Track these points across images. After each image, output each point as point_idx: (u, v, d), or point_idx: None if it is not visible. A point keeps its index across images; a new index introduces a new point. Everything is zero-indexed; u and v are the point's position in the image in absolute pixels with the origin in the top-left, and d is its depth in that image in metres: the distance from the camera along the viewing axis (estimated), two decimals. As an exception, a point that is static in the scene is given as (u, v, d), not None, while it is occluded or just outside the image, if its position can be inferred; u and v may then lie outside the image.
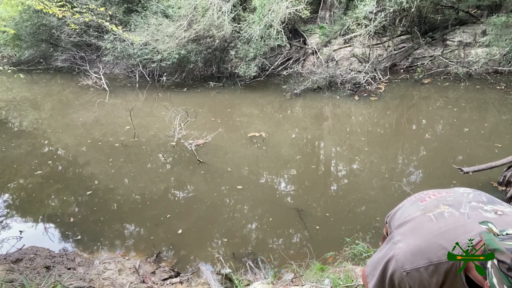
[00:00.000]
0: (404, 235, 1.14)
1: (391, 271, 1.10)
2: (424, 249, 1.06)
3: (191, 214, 4.50)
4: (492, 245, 0.90)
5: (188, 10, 9.83)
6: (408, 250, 1.08)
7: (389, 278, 1.12)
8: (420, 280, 1.05)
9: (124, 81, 11.63)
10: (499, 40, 8.75)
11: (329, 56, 10.59)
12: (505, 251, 0.87)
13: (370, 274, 1.23)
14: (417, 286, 1.06)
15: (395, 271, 1.09)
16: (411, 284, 1.06)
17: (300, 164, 5.84)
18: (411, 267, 1.05)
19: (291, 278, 2.96)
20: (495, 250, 0.89)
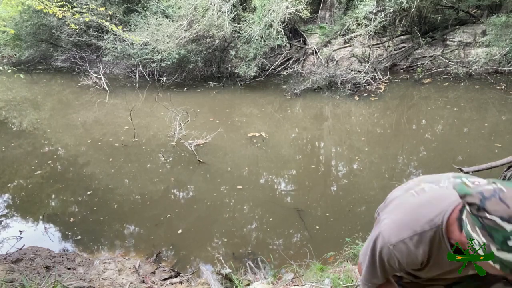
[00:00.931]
0: (388, 212, 1.16)
1: (379, 249, 1.12)
2: (408, 221, 1.08)
3: (191, 214, 4.50)
4: (462, 191, 0.91)
5: (188, 10, 9.83)
6: (392, 224, 1.10)
7: (378, 256, 1.13)
8: (408, 252, 1.06)
9: (124, 81, 11.63)
10: (499, 40, 8.75)
11: (329, 56, 10.59)
12: (474, 194, 0.88)
13: (363, 261, 1.24)
14: (405, 259, 1.08)
15: (383, 248, 1.11)
16: (399, 257, 1.08)
17: (300, 164, 5.84)
18: (396, 239, 1.07)
19: (291, 278, 2.96)
20: (465, 195, 0.90)
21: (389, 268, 1.15)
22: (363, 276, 1.24)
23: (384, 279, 1.21)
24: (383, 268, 1.16)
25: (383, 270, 1.16)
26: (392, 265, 1.12)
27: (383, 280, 1.21)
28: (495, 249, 0.84)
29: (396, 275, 1.41)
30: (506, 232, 0.80)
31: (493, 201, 0.83)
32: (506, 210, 0.81)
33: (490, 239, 0.84)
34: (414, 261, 1.08)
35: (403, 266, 1.11)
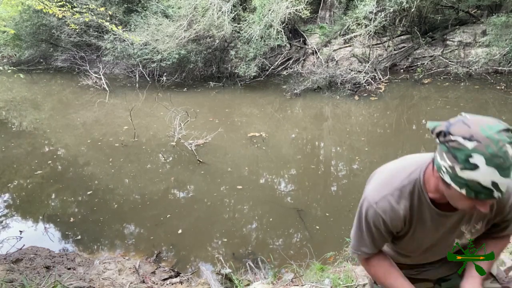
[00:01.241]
0: (371, 181, 1.22)
1: (364, 212, 1.16)
2: (388, 179, 1.15)
3: (191, 214, 4.50)
4: (432, 125, 0.99)
5: (188, 10, 9.83)
6: (375, 186, 1.17)
7: (365, 220, 1.17)
8: (390, 208, 1.11)
9: (124, 81, 11.63)
10: (499, 40, 8.75)
11: (329, 56, 10.58)
12: (442, 124, 0.97)
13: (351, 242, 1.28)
14: (389, 216, 1.12)
15: (368, 209, 1.15)
16: (383, 216, 1.12)
17: (300, 164, 5.84)
18: (379, 197, 1.13)
19: (291, 278, 2.96)
20: (435, 128, 0.98)
21: (375, 232, 1.16)
22: (352, 244, 1.27)
23: (373, 248, 1.21)
24: (370, 233, 1.18)
25: (371, 235, 1.18)
26: (378, 227, 1.15)
27: (372, 249, 1.22)
28: (459, 169, 0.89)
29: None
30: (468, 150, 0.87)
31: (457, 124, 0.91)
32: (468, 129, 0.88)
33: (454, 160, 0.90)
34: (398, 217, 1.11)
35: (388, 226, 1.14)
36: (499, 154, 0.85)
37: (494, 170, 0.85)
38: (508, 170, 0.86)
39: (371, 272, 1.28)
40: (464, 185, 0.90)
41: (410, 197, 1.11)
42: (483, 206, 0.94)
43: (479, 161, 0.86)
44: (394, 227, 1.14)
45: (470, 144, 0.87)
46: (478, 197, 0.90)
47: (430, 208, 1.11)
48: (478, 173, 0.87)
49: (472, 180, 0.88)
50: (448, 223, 1.15)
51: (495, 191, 0.88)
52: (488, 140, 0.85)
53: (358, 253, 1.25)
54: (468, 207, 0.97)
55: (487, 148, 0.85)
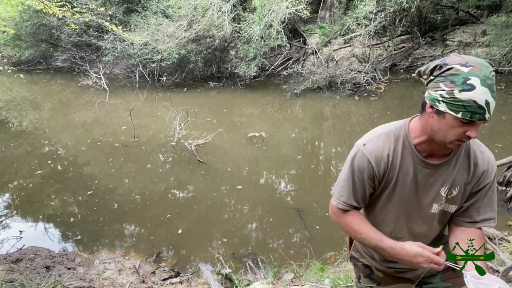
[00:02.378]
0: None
1: (351, 157, 1.24)
2: (377, 129, 1.26)
3: (191, 214, 4.50)
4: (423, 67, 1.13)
5: (188, 10, 9.83)
6: (364, 136, 1.27)
7: (350, 165, 1.24)
8: (375, 147, 1.19)
9: (124, 81, 11.62)
10: (499, 40, 8.75)
11: (329, 56, 10.58)
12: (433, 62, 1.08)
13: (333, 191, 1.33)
14: (373, 157, 1.19)
15: (356, 154, 1.23)
16: (368, 156, 1.19)
17: (300, 164, 5.84)
18: (367, 140, 1.23)
19: (291, 278, 2.96)
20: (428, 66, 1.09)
21: (359, 178, 1.21)
22: (333, 192, 1.31)
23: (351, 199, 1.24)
24: (353, 180, 1.23)
25: (353, 182, 1.23)
26: (362, 171, 1.20)
27: (351, 199, 1.25)
28: (457, 92, 1.00)
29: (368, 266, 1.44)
30: (464, 73, 0.99)
31: (451, 57, 1.05)
32: (462, 58, 1.02)
33: (452, 85, 1.01)
34: (382, 156, 1.18)
35: (372, 169, 1.19)
36: (489, 76, 0.99)
37: (487, 90, 0.98)
38: (495, 93, 1.00)
39: (344, 223, 1.28)
40: (461, 107, 1.00)
41: (395, 140, 1.19)
42: (473, 131, 1.03)
43: (475, 81, 0.98)
44: (378, 169, 1.19)
45: (466, 69, 0.99)
46: (473, 117, 1.00)
47: (413, 154, 1.17)
48: (474, 93, 0.98)
49: (469, 100, 0.98)
50: (428, 178, 1.19)
51: (487, 111, 1.00)
52: (481, 65, 0.99)
53: (337, 201, 1.28)
54: (459, 135, 1.05)
55: (481, 71, 0.98)
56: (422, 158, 1.17)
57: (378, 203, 1.27)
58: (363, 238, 1.23)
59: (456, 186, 1.20)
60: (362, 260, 1.46)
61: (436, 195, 1.20)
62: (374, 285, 1.46)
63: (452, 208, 1.23)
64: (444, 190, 1.20)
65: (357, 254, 1.49)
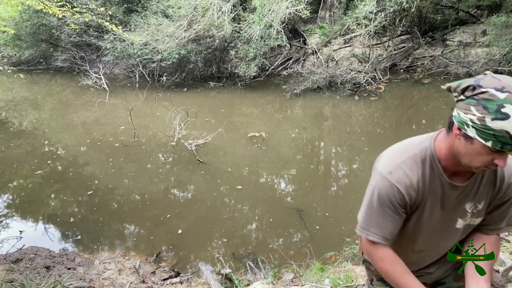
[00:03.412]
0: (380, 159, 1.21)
1: (378, 187, 1.14)
2: (399, 151, 1.17)
3: (191, 214, 4.50)
4: (454, 83, 1.02)
5: (188, 10, 9.82)
6: (386, 159, 1.18)
7: (377, 195, 1.14)
8: (405, 176, 1.11)
9: (124, 81, 11.62)
10: (499, 40, 8.74)
11: (329, 56, 10.58)
12: (468, 80, 0.99)
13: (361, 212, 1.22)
14: (404, 186, 1.11)
15: (382, 182, 1.13)
16: (398, 185, 1.11)
17: (300, 164, 5.84)
18: (392, 167, 1.13)
19: (291, 278, 2.96)
20: (460, 84, 1.00)
21: (389, 208, 1.13)
22: (360, 222, 1.21)
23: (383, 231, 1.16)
24: (383, 210, 1.14)
25: (383, 213, 1.14)
26: (392, 200, 1.12)
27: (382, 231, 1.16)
28: (489, 120, 0.91)
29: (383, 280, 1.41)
30: (499, 100, 0.90)
31: (486, 78, 0.94)
32: (499, 82, 0.92)
33: (484, 111, 0.92)
34: (412, 185, 1.11)
35: (403, 198, 1.11)
36: None
37: None
38: None
39: (375, 259, 1.21)
40: (491, 136, 0.93)
41: (422, 165, 1.12)
42: (502, 160, 0.97)
43: (510, 110, 0.89)
44: (409, 198, 1.12)
45: (502, 95, 0.90)
46: (503, 148, 0.93)
47: (441, 176, 1.11)
48: (508, 122, 0.89)
49: (502, 130, 0.90)
50: (454, 197, 1.14)
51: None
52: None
53: (366, 233, 1.18)
54: (485, 163, 0.99)
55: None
56: (450, 180, 1.12)
57: (405, 225, 1.23)
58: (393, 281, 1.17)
59: (481, 200, 1.17)
60: None
61: (462, 211, 1.18)
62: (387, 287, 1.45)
63: (477, 221, 1.21)
64: (469, 206, 1.17)
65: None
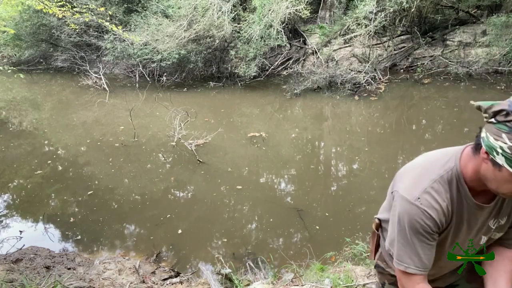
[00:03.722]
0: (400, 181, 1.14)
1: (407, 216, 1.06)
2: (423, 173, 1.08)
3: (191, 214, 4.50)
4: (486, 104, 0.97)
5: (188, 10, 9.82)
6: (409, 183, 1.10)
7: (409, 225, 1.06)
8: (435, 201, 1.04)
9: (124, 81, 11.62)
10: (499, 40, 8.75)
11: (329, 56, 10.58)
12: (502, 102, 0.93)
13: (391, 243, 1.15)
14: (435, 211, 1.04)
15: (410, 210, 1.05)
16: (429, 211, 1.04)
17: (300, 164, 5.84)
18: (419, 192, 1.05)
19: (291, 278, 2.96)
20: (492, 106, 0.95)
21: (424, 236, 1.06)
22: (397, 253, 1.13)
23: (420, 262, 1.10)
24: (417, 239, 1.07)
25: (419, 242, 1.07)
26: (425, 227, 1.05)
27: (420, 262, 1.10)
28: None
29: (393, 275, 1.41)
30: None
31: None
32: None
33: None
34: (443, 210, 1.05)
35: (436, 223, 1.06)
36: None
37: None
38: None
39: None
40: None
41: (449, 187, 1.06)
42: None
43: None
44: (441, 223, 1.07)
45: None
46: None
47: (468, 198, 1.07)
48: None
49: None
50: (480, 217, 1.12)
51: None
52: None
53: (404, 266, 1.11)
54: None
55: None
56: (476, 201, 1.08)
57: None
58: None
59: (504, 216, 1.15)
60: (389, 270, 1.41)
61: (487, 229, 1.16)
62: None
63: (498, 235, 1.20)
64: (492, 223, 1.15)
65: (384, 264, 1.42)
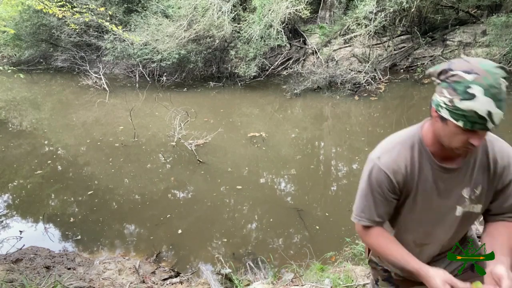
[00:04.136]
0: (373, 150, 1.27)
1: (368, 172, 1.20)
2: (389, 140, 1.23)
3: (191, 214, 4.50)
4: (433, 68, 1.08)
5: (188, 10, 9.83)
6: (377, 148, 1.23)
7: (368, 180, 1.20)
8: (392, 160, 1.16)
9: (124, 81, 11.62)
10: (499, 40, 8.75)
11: (329, 56, 10.58)
12: (443, 64, 1.05)
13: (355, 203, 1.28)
14: (391, 170, 1.16)
15: (372, 168, 1.19)
16: (386, 170, 1.16)
17: (300, 164, 5.84)
18: (381, 152, 1.19)
19: (291, 278, 2.96)
20: (436, 69, 1.06)
21: (379, 193, 1.18)
22: (354, 209, 1.28)
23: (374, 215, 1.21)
24: (372, 195, 1.19)
25: (373, 198, 1.19)
26: (381, 185, 1.17)
27: (374, 215, 1.21)
28: (458, 101, 0.97)
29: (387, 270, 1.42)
30: (467, 81, 0.95)
31: (458, 61, 1.01)
32: (468, 64, 0.97)
33: (454, 92, 0.98)
34: (400, 168, 1.15)
35: (391, 182, 1.16)
36: (495, 85, 0.94)
37: (490, 100, 0.94)
38: (501, 102, 0.95)
39: (370, 242, 1.25)
40: (461, 116, 0.98)
41: (410, 150, 1.16)
42: (477, 139, 1.01)
43: (477, 91, 0.94)
44: (396, 182, 1.16)
45: (470, 76, 0.95)
46: (474, 127, 0.98)
47: (430, 160, 1.15)
48: (475, 103, 0.95)
49: (470, 110, 0.96)
50: (449, 182, 1.16)
51: (489, 121, 0.96)
52: (486, 73, 0.95)
53: (358, 218, 1.24)
54: (463, 143, 1.03)
55: (485, 79, 0.94)
56: (440, 163, 1.15)
57: (401, 212, 1.24)
58: (390, 259, 1.20)
59: (478, 185, 1.17)
60: (382, 264, 1.44)
61: (459, 197, 1.18)
62: (392, 287, 1.44)
63: (478, 208, 1.20)
64: (466, 192, 1.17)
65: (376, 259, 1.46)
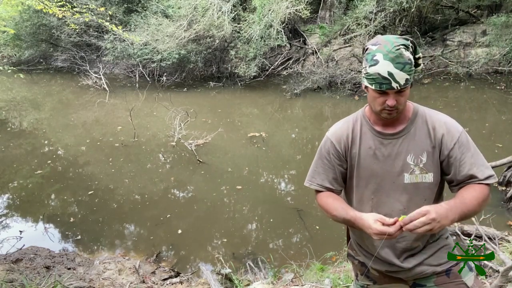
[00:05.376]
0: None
1: (319, 147, 1.41)
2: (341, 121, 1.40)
3: (191, 214, 4.50)
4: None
5: (188, 10, 9.83)
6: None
7: (318, 150, 1.41)
8: (335, 130, 1.37)
9: (124, 81, 11.63)
10: (499, 40, 8.75)
11: (329, 56, 10.58)
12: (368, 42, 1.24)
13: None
14: (335, 137, 1.35)
15: (322, 142, 1.40)
16: (330, 138, 1.36)
17: (300, 164, 5.84)
18: (332, 128, 1.40)
19: (291, 278, 2.96)
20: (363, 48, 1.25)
21: (326, 159, 1.36)
22: (308, 174, 1.45)
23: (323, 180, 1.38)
24: (321, 162, 1.38)
25: (322, 164, 1.38)
26: (328, 151, 1.36)
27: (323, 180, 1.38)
28: (368, 67, 1.17)
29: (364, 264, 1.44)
30: (373, 51, 1.16)
31: (372, 39, 1.22)
32: (375, 39, 1.20)
33: (366, 62, 1.19)
34: (342, 135, 1.34)
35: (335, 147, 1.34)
36: (392, 50, 1.13)
37: (389, 63, 1.13)
38: (401, 64, 1.13)
39: (320, 204, 1.39)
40: (372, 80, 1.16)
41: (353, 122, 1.35)
42: (390, 99, 1.17)
43: (379, 57, 1.14)
44: (339, 147, 1.34)
45: (374, 47, 1.17)
46: (381, 87, 1.15)
47: (370, 128, 1.30)
48: (378, 66, 1.14)
49: (375, 73, 1.15)
50: (391, 149, 1.27)
51: (393, 81, 1.14)
52: (386, 42, 1.16)
53: (310, 183, 1.42)
54: (381, 104, 1.20)
55: (385, 47, 1.15)
56: (379, 130, 1.28)
57: (352, 182, 1.35)
58: (334, 214, 1.31)
59: (423, 152, 1.25)
60: (358, 258, 1.49)
61: (404, 164, 1.26)
62: (370, 283, 1.47)
63: (429, 177, 1.25)
64: (410, 158, 1.25)
65: (353, 252, 1.53)
